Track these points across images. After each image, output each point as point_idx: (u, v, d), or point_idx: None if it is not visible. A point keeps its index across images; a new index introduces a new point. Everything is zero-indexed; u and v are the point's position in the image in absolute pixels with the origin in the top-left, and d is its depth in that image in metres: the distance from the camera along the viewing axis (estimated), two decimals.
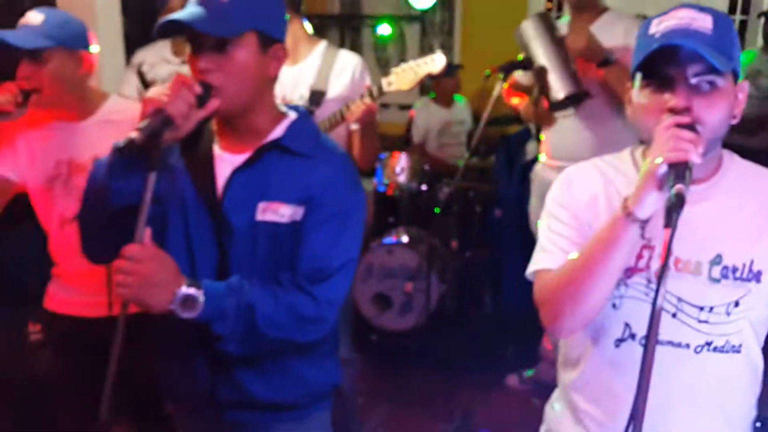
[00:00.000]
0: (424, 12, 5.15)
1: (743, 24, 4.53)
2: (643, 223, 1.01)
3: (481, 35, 5.08)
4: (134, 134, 1.08)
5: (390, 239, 3.53)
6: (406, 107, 4.81)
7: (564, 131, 2.57)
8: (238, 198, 1.25)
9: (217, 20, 1.14)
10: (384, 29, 5.28)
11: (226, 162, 1.27)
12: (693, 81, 1.02)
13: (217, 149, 1.29)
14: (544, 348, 3.02)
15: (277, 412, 1.36)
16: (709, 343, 1.10)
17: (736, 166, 1.15)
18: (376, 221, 3.89)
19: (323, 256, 1.23)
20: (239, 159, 1.26)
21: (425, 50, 5.52)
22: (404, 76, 2.02)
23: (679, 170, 0.94)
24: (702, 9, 1.05)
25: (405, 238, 3.51)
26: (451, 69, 4.48)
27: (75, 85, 1.68)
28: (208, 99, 1.17)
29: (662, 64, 1.03)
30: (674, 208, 0.91)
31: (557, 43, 2.37)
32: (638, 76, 1.08)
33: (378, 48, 5.47)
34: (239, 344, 1.21)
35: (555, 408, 1.31)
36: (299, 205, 1.23)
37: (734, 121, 1.08)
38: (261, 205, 1.23)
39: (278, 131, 1.27)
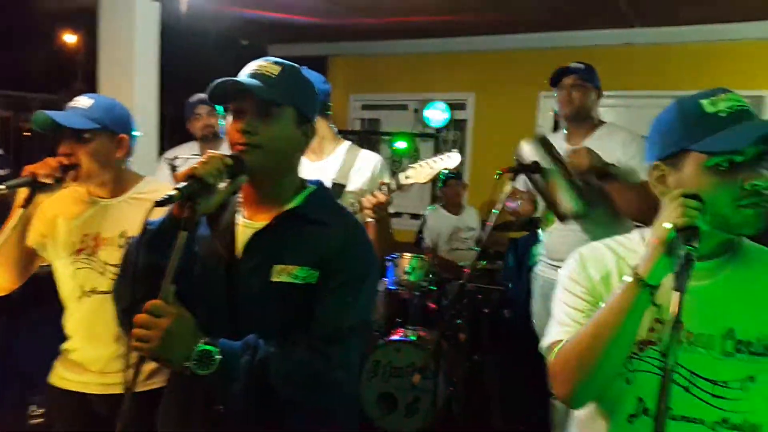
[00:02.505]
0: (438, 130, 5.48)
1: None
2: (653, 290, 1.02)
3: (490, 152, 5.37)
4: (172, 192, 1.15)
5: (398, 337, 3.52)
6: (417, 216, 4.99)
7: (564, 233, 2.66)
8: (255, 260, 1.29)
9: (267, 90, 1.26)
10: (400, 144, 5.60)
11: (248, 228, 1.33)
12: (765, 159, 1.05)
13: (240, 218, 1.36)
14: None
15: None
16: (726, 420, 1.08)
17: (749, 245, 1.17)
18: (385, 320, 3.91)
19: (337, 318, 1.25)
20: (259, 225, 1.32)
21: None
22: (421, 171, 2.09)
23: (687, 234, 0.97)
24: (734, 92, 1.10)
25: (413, 337, 3.50)
26: (458, 175, 4.73)
27: (111, 165, 1.78)
28: (239, 172, 1.26)
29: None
30: (683, 269, 0.92)
31: (557, 161, 2.46)
32: (692, 153, 1.07)
33: (394, 161, 5.78)
34: (252, 403, 1.21)
35: None
36: (314, 269, 1.26)
37: None
38: (277, 268, 1.27)
39: (298, 200, 1.35)
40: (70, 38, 5.94)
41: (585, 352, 1.09)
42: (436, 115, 5.14)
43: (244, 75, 1.32)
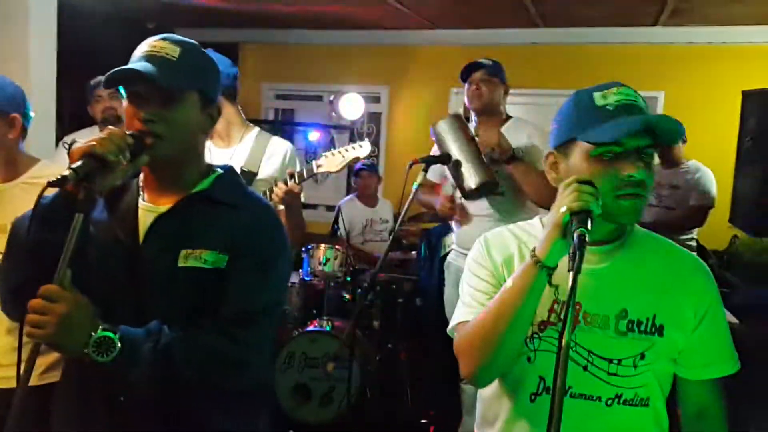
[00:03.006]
0: (353, 122, 5.50)
1: None
2: (550, 271, 1.07)
3: (405, 145, 5.47)
4: (67, 172, 1.08)
5: (313, 327, 3.52)
6: (332, 207, 4.99)
7: (475, 223, 2.78)
8: (159, 244, 1.25)
9: (168, 75, 1.20)
10: (314, 135, 5.57)
11: (150, 212, 1.29)
12: (647, 153, 1.10)
13: (142, 201, 1.31)
14: None
15: None
16: (619, 396, 1.14)
17: (639, 231, 1.25)
18: (300, 311, 3.90)
19: (246, 301, 1.23)
20: (162, 208, 1.28)
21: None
22: (333, 160, 2.13)
23: (581, 218, 1.01)
24: (628, 86, 1.16)
25: (328, 327, 3.51)
26: (373, 168, 4.77)
27: (3, 147, 1.68)
28: (140, 152, 1.20)
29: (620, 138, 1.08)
30: (576, 249, 0.96)
31: (469, 139, 2.62)
32: (580, 144, 1.13)
33: (308, 153, 5.74)
34: (156, 390, 1.18)
35: None
36: (223, 253, 1.24)
37: None
38: (183, 252, 1.23)
39: (205, 183, 1.32)
40: None
41: (487, 331, 1.13)
42: (351, 107, 5.15)
43: (139, 54, 1.25)
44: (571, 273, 0.93)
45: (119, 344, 1.13)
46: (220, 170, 1.38)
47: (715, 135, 4.35)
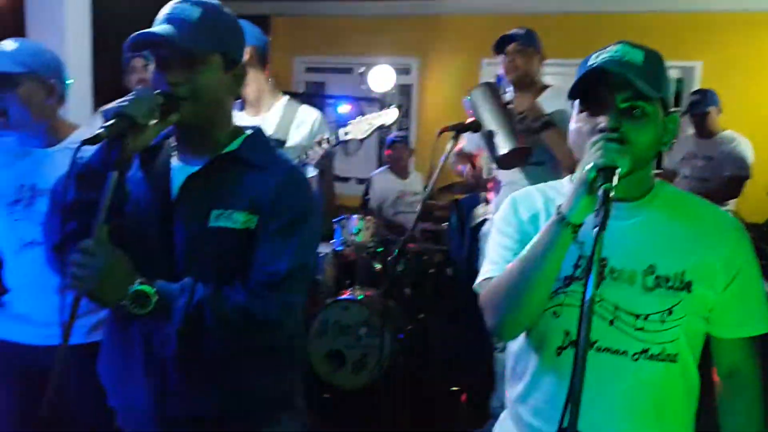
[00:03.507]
0: (383, 94, 5.50)
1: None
2: (575, 228, 1.07)
3: (436, 117, 5.45)
4: (100, 130, 1.11)
5: (345, 296, 3.60)
6: (363, 181, 5.03)
7: (508, 193, 2.77)
8: (190, 204, 1.27)
9: (189, 38, 1.21)
10: (344, 108, 5.58)
11: (182, 172, 1.30)
12: (622, 105, 1.11)
13: (175, 161, 1.34)
14: (494, 406, 3.06)
15: (230, 425, 1.34)
16: (645, 351, 1.14)
17: (668, 188, 1.25)
18: (333, 281, 3.97)
19: (274, 262, 1.25)
20: (195, 169, 1.30)
21: (383, 129, 5.85)
22: (359, 127, 2.14)
23: (607, 174, 1.01)
24: (635, 45, 1.16)
25: (360, 296, 3.58)
26: (405, 140, 4.79)
27: (44, 113, 1.73)
28: (170, 110, 1.22)
29: (595, 91, 1.13)
30: (602, 206, 0.96)
31: (502, 107, 2.58)
32: (575, 103, 1.18)
33: (339, 125, 5.75)
34: (188, 345, 1.22)
35: (502, 425, 1.34)
36: (252, 213, 1.26)
37: (665, 149, 1.18)
38: (214, 213, 1.26)
39: (234, 144, 1.33)
40: None
41: (511, 285, 1.14)
42: (381, 79, 5.14)
43: (161, 17, 1.26)
44: (596, 229, 0.94)
45: (155, 298, 1.17)
46: (249, 131, 1.40)
47: (754, 105, 4.23)
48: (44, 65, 1.72)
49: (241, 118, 2.23)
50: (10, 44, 1.69)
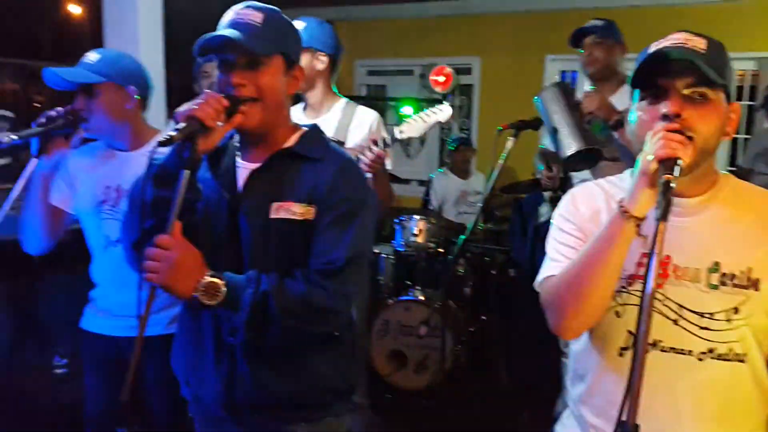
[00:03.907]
0: (444, 95, 5.49)
1: (750, 109, 4.74)
2: (638, 221, 1.04)
3: (498, 117, 5.36)
4: (173, 132, 1.19)
5: (407, 296, 3.61)
6: (424, 182, 5.04)
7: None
8: (254, 199, 1.35)
9: (254, 40, 1.28)
10: (406, 110, 5.61)
11: (246, 170, 1.39)
12: (685, 91, 1.08)
13: (239, 161, 1.42)
14: (558, 411, 3.00)
15: (294, 412, 1.40)
16: (711, 350, 1.12)
17: (732, 182, 1.20)
18: (394, 281, 3.99)
19: (332, 251, 1.30)
20: (257, 166, 1.38)
21: (444, 130, 5.84)
22: (414, 125, 2.14)
23: (668, 165, 0.99)
24: (697, 33, 1.13)
25: (422, 296, 3.59)
26: (468, 141, 4.76)
27: (125, 117, 1.84)
28: (235, 112, 1.29)
29: (657, 78, 1.10)
30: (663, 198, 0.94)
31: (572, 106, 2.43)
32: (636, 92, 1.15)
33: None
34: (255, 333, 1.27)
35: (564, 424, 1.32)
36: (310, 205, 1.32)
37: (727, 138, 1.13)
38: (274, 205, 1.33)
39: (292, 141, 1.41)
40: (75, 8, 5.96)
41: (573, 282, 1.12)
42: (442, 79, 5.14)
43: (225, 22, 1.33)
44: (657, 221, 0.92)
45: (224, 289, 1.23)
46: (305, 128, 1.46)
47: None
48: (122, 73, 1.83)
49: (301, 120, 2.29)
50: (92, 56, 1.82)
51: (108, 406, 1.90)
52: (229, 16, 1.34)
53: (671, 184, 0.96)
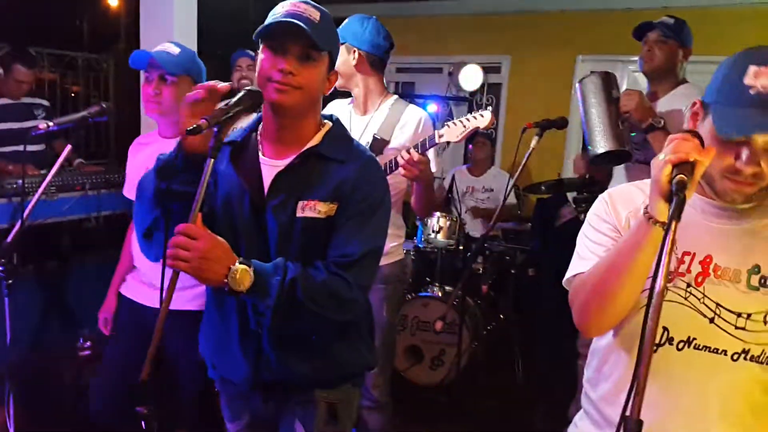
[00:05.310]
0: (472, 93, 5.48)
1: None
2: (664, 225, 1.03)
3: (525, 117, 5.33)
4: (201, 122, 1.20)
5: (425, 293, 3.64)
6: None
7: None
8: (281, 197, 1.40)
9: (315, 34, 1.32)
10: (432, 107, 5.62)
11: (269, 166, 1.43)
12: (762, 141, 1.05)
13: (262, 156, 1.45)
14: (572, 412, 2.98)
15: (315, 386, 1.52)
16: (746, 351, 1.12)
17: None
18: (414, 277, 4.02)
19: (348, 246, 1.37)
20: (282, 163, 1.41)
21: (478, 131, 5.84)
22: (454, 130, 2.08)
23: (683, 167, 1.00)
24: None
25: (440, 293, 3.61)
26: (487, 136, 4.77)
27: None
28: (257, 104, 1.32)
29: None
30: (674, 196, 0.96)
31: (611, 102, 2.38)
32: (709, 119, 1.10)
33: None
34: (282, 319, 1.32)
35: (578, 426, 1.32)
36: (333, 202, 1.38)
37: None
38: (301, 204, 1.38)
39: (317, 139, 1.44)
40: (113, 1, 6.12)
41: (599, 282, 1.14)
42: (470, 78, 5.13)
43: (284, 12, 1.35)
44: (669, 221, 0.93)
45: (253, 276, 1.28)
46: (327, 121, 1.50)
47: None
48: (196, 70, 2.04)
49: (350, 117, 2.32)
50: (173, 48, 2.01)
51: (114, 396, 2.03)
52: (285, 8, 1.37)
53: (684, 184, 0.97)
